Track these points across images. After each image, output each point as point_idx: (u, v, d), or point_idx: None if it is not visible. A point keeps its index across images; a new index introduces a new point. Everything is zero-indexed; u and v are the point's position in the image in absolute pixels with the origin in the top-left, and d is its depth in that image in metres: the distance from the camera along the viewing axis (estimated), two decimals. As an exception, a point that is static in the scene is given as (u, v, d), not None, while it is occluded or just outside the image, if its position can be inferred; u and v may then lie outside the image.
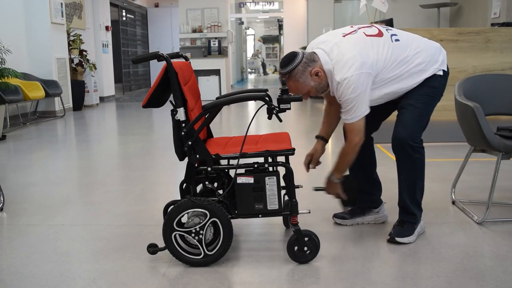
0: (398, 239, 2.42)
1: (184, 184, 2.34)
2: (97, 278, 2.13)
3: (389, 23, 6.24)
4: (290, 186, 2.21)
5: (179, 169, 4.15)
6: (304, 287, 2.01)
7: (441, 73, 2.44)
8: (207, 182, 2.36)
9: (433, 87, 2.41)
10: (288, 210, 2.21)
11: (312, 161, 2.63)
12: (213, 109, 2.25)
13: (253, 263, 2.25)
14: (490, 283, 2.01)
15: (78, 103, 9.14)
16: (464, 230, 2.62)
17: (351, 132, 2.34)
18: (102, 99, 10.74)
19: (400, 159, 2.42)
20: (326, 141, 2.64)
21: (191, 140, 2.17)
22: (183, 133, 2.17)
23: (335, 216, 2.74)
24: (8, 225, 2.87)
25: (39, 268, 2.24)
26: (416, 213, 2.49)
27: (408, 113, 2.37)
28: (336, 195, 2.55)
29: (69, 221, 2.91)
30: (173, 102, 2.17)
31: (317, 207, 3.01)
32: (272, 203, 2.17)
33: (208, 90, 10.22)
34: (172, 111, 2.18)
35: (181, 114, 2.16)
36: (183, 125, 2.17)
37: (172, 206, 2.23)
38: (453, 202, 3.06)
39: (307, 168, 2.65)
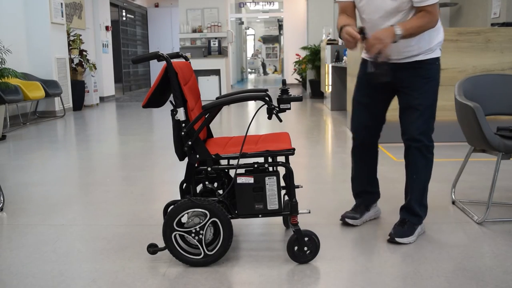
0: (398, 239, 2.42)
1: (184, 184, 2.34)
2: (97, 278, 2.13)
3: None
4: (290, 186, 2.21)
5: (179, 169, 4.15)
6: (304, 287, 2.01)
7: (440, 49, 2.47)
8: (207, 182, 2.36)
9: (435, 79, 2.44)
10: (288, 210, 2.21)
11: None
12: (213, 109, 2.25)
13: (253, 263, 2.25)
14: (490, 283, 2.01)
15: (78, 103, 9.14)
16: (464, 230, 2.62)
17: (433, 9, 2.26)
18: (102, 99, 10.75)
19: (416, 160, 2.45)
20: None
21: (191, 140, 2.17)
22: (183, 133, 2.17)
23: (346, 217, 2.70)
24: (8, 225, 2.87)
25: (39, 268, 2.24)
26: (422, 215, 2.51)
27: (419, 113, 2.40)
28: (382, 47, 2.21)
29: (69, 221, 2.91)
30: (173, 102, 2.17)
31: (317, 207, 3.01)
32: (272, 203, 2.17)
33: (208, 90, 10.24)
34: (172, 111, 2.18)
35: (181, 114, 2.16)
36: (183, 125, 2.17)
37: (172, 206, 2.23)
38: (453, 202, 3.06)
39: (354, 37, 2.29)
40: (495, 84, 3.02)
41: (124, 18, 13.81)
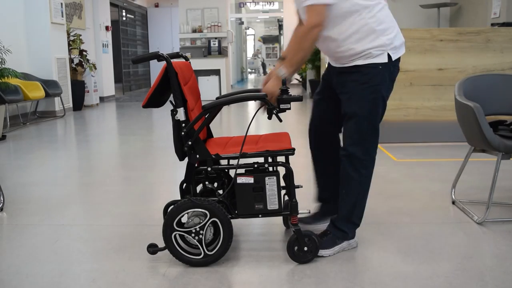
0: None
1: (184, 184, 2.34)
2: (97, 278, 2.13)
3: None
4: (290, 186, 2.21)
5: (179, 169, 4.15)
6: (304, 287, 2.01)
7: (390, 54, 2.16)
8: (207, 182, 2.36)
9: (373, 85, 2.17)
10: (288, 210, 2.21)
11: None
12: (213, 109, 2.24)
13: (253, 263, 2.25)
14: (490, 283, 2.01)
15: (78, 103, 9.14)
16: (464, 230, 2.62)
17: (310, 12, 2.06)
18: (102, 99, 10.74)
19: (346, 173, 2.26)
20: None
21: (191, 140, 2.17)
22: (183, 133, 2.17)
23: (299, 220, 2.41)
24: (8, 225, 2.87)
25: (39, 268, 2.24)
26: (347, 231, 2.33)
27: (354, 122, 2.20)
28: (272, 97, 2.13)
29: (69, 221, 2.91)
30: (173, 102, 2.17)
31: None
32: (272, 203, 2.17)
33: (208, 90, 10.23)
34: (172, 111, 2.18)
35: (181, 114, 2.16)
36: (183, 125, 2.17)
37: (172, 206, 2.23)
38: (453, 202, 3.06)
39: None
40: (495, 84, 3.02)
41: (124, 18, 13.80)
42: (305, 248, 2.20)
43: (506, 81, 3.03)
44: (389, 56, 2.17)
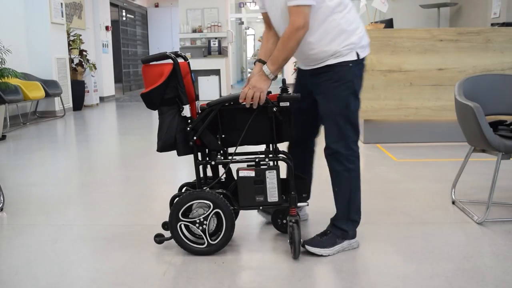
0: (308, 247, 2.30)
1: (175, 199, 2.37)
2: (97, 278, 2.13)
3: (389, 23, 6.24)
4: (289, 179, 2.27)
5: (179, 169, 4.15)
6: (304, 287, 2.01)
7: (357, 53, 2.23)
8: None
9: (347, 82, 2.23)
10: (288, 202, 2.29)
11: None
12: (217, 106, 2.27)
13: (253, 262, 2.25)
14: (490, 283, 2.01)
15: (78, 103, 9.14)
16: (464, 230, 2.62)
17: (295, 14, 2.09)
18: (102, 99, 10.75)
19: (334, 171, 2.33)
20: (265, 63, 2.28)
21: (197, 135, 2.25)
22: (188, 128, 2.25)
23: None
24: (8, 225, 2.87)
25: (39, 268, 2.24)
26: (347, 230, 2.35)
27: (331, 120, 2.26)
28: (260, 94, 2.17)
29: (69, 221, 2.91)
30: (179, 101, 2.25)
31: (317, 207, 3.01)
32: (272, 196, 2.25)
33: (208, 90, 10.23)
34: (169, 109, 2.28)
35: (186, 112, 2.26)
36: (189, 121, 2.27)
37: (177, 198, 2.30)
38: (453, 202, 3.06)
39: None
40: (495, 84, 3.02)
41: (124, 18, 13.81)
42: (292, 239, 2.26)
43: (506, 81, 3.03)
44: (357, 55, 2.23)
